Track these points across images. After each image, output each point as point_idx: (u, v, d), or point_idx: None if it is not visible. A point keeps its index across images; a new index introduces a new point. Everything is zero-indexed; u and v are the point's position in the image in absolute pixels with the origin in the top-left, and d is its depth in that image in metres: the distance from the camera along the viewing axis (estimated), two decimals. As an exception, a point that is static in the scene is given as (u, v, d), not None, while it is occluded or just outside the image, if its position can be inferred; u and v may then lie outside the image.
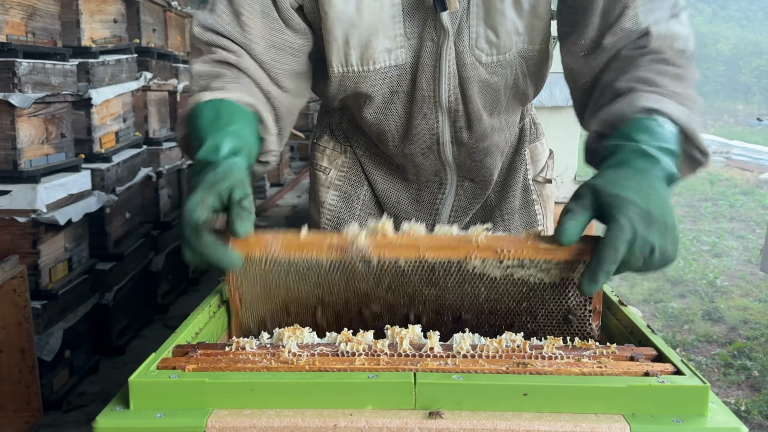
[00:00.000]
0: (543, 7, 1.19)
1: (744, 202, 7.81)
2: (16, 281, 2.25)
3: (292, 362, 0.79)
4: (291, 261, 0.96)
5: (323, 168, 1.46)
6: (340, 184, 1.45)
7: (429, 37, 1.19)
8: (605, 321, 1.04)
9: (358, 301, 0.98)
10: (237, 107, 1.11)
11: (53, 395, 2.60)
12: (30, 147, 2.48)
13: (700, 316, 4.09)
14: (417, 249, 0.94)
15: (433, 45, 1.19)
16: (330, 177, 1.45)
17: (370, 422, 0.70)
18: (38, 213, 2.44)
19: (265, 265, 0.96)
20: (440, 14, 1.15)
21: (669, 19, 1.10)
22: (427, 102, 1.25)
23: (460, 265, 0.94)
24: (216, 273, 4.52)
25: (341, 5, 1.16)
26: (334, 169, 1.45)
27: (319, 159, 1.47)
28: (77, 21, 2.89)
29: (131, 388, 0.73)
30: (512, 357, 0.81)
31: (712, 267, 5.11)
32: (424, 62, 1.21)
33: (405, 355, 0.81)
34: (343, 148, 1.46)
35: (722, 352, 3.55)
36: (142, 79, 3.48)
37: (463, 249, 0.94)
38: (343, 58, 1.21)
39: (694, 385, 0.73)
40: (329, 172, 1.45)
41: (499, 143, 1.38)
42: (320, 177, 1.46)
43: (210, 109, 1.10)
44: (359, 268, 0.95)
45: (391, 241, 0.95)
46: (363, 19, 1.17)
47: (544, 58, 1.28)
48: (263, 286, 0.98)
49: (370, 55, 1.20)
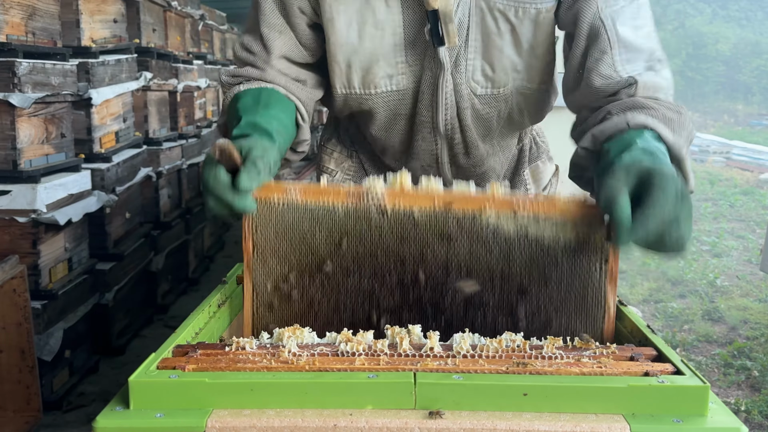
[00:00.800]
0: (542, 48, 1.23)
1: (744, 202, 7.81)
2: (16, 281, 2.25)
3: (292, 362, 0.79)
4: (308, 206, 0.98)
5: (330, 170, 1.48)
6: None
7: (428, 66, 1.23)
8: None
9: (370, 253, 0.99)
10: (277, 93, 1.20)
11: (53, 395, 2.60)
12: (30, 147, 2.48)
13: (700, 316, 4.10)
14: (432, 199, 0.96)
15: (432, 75, 1.23)
16: (336, 180, 1.48)
17: (370, 422, 0.70)
18: (38, 213, 2.44)
19: (282, 208, 0.99)
20: (437, 48, 1.19)
21: (647, 71, 1.13)
22: (426, 127, 1.29)
23: (475, 217, 0.95)
24: (216, 273, 4.53)
25: (344, 32, 1.20)
26: (341, 172, 1.48)
27: (326, 161, 1.49)
28: (77, 21, 2.89)
29: (131, 388, 0.73)
30: (512, 357, 0.81)
31: (712, 267, 5.11)
32: (423, 90, 1.25)
33: (405, 355, 0.81)
34: (350, 153, 1.48)
35: (722, 352, 3.55)
36: (142, 79, 3.48)
37: (478, 201, 0.95)
38: (345, 80, 1.25)
39: (694, 385, 0.73)
40: (336, 174, 1.48)
41: (495, 166, 1.43)
42: (327, 180, 1.47)
43: (249, 96, 1.18)
44: (374, 216, 0.96)
45: (407, 191, 0.96)
46: (364, 46, 1.21)
47: (544, 97, 1.31)
48: (277, 231, 1.00)
49: (371, 80, 1.24)
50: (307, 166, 9.57)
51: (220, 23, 5.76)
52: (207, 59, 5.20)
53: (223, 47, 6.13)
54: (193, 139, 4.45)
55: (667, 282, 4.82)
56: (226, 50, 6.22)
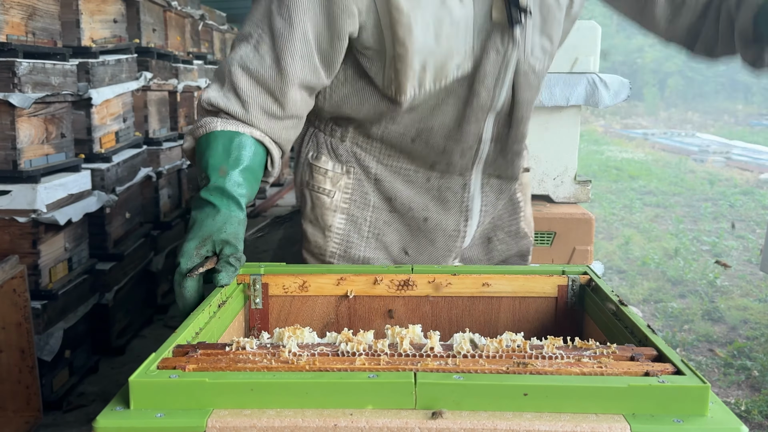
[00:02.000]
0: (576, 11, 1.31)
1: (744, 202, 7.81)
2: (16, 281, 2.25)
3: (292, 362, 0.79)
4: None
5: (327, 191, 1.41)
6: (346, 206, 1.41)
7: (494, 48, 1.23)
8: (605, 321, 1.04)
9: None
10: (249, 142, 1.18)
11: (53, 395, 2.60)
12: (30, 147, 2.48)
13: (700, 316, 4.10)
14: None
15: (498, 56, 1.24)
16: (335, 200, 1.40)
17: (371, 422, 0.70)
18: (38, 213, 2.44)
19: None
20: (513, 28, 1.21)
21: None
22: (482, 108, 1.29)
23: None
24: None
25: (421, 38, 1.19)
26: (339, 191, 1.40)
27: (320, 182, 1.41)
28: (77, 21, 2.89)
29: (131, 388, 0.73)
30: (512, 357, 0.81)
31: (712, 267, 5.11)
32: (486, 71, 1.25)
33: (405, 355, 0.81)
34: (346, 169, 1.41)
35: (722, 352, 3.55)
36: (142, 79, 3.48)
37: None
38: (417, 82, 1.24)
39: (695, 385, 0.73)
40: (334, 194, 1.40)
41: (521, 151, 1.45)
42: (324, 200, 1.41)
43: (222, 142, 1.16)
44: None
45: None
46: (441, 45, 1.21)
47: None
48: None
49: (444, 75, 1.25)
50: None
51: (220, 23, 5.76)
52: (207, 59, 5.20)
53: (223, 47, 6.13)
54: (193, 139, 4.44)
55: (667, 282, 4.82)
56: (226, 50, 6.22)
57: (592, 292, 1.12)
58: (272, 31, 1.18)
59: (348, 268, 1.21)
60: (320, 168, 1.42)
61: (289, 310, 1.18)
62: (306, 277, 1.17)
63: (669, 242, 5.92)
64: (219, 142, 1.16)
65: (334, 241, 1.41)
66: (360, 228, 1.42)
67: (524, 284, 1.16)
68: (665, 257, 5.42)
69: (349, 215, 1.41)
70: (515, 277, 1.17)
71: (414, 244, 1.45)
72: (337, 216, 1.41)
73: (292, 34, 1.17)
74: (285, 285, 1.17)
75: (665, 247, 5.75)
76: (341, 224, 1.41)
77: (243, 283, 1.16)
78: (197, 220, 1.10)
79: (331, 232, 1.41)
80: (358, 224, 1.41)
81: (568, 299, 1.16)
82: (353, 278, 1.16)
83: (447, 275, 1.16)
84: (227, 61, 1.21)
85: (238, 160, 1.15)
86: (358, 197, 1.41)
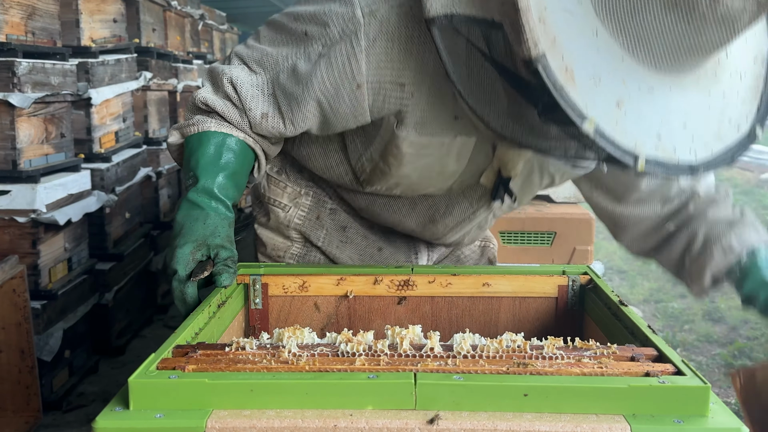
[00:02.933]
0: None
1: (744, 202, 7.80)
2: (15, 281, 2.25)
3: (292, 362, 0.79)
4: None
5: (282, 205, 1.41)
6: (300, 223, 1.42)
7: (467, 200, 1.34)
8: (605, 321, 1.04)
9: None
10: (241, 145, 1.17)
11: (53, 395, 2.59)
12: (30, 147, 2.48)
13: (700, 316, 4.09)
14: None
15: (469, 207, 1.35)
16: (290, 215, 1.41)
17: (371, 423, 0.70)
18: (38, 213, 2.44)
19: None
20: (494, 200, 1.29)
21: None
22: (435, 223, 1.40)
23: None
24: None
25: (407, 171, 1.22)
26: (294, 207, 1.41)
27: (277, 195, 1.41)
28: (77, 21, 2.89)
29: (131, 388, 0.73)
30: (512, 357, 0.81)
31: (712, 267, 5.10)
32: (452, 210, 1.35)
33: (405, 356, 0.81)
34: (305, 190, 1.42)
35: (723, 352, 3.55)
36: (141, 78, 3.48)
37: None
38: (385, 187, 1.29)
39: (695, 386, 0.73)
40: (289, 209, 1.41)
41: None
42: (279, 214, 1.41)
43: (214, 143, 1.14)
44: None
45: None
46: (422, 182, 1.26)
47: None
48: None
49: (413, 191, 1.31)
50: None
51: (220, 23, 5.76)
52: (207, 59, 5.20)
53: (223, 47, 6.13)
54: (193, 139, 4.44)
55: (667, 282, 4.81)
56: (226, 50, 6.22)
57: (592, 292, 1.12)
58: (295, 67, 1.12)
59: (348, 268, 1.21)
60: (279, 181, 1.42)
61: (289, 310, 1.18)
62: (306, 278, 1.17)
63: (669, 242, 5.92)
64: (211, 143, 1.14)
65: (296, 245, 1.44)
66: (314, 243, 1.44)
67: (524, 284, 1.16)
68: (665, 257, 5.42)
69: (302, 232, 1.43)
70: (515, 277, 1.17)
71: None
72: (291, 231, 1.43)
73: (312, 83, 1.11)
74: (285, 285, 1.17)
75: (665, 247, 5.74)
76: (297, 236, 1.44)
77: (243, 283, 1.16)
78: (186, 224, 1.08)
79: (290, 240, 1.44)
80: (311, 240, 1.43)
81: (568, 299, 1.16)
82: (353, 278, 1.16)
83: (447, 275, 1.16)
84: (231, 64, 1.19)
85: (228, 163, 1.13)
86: (312, 218, 1.42)
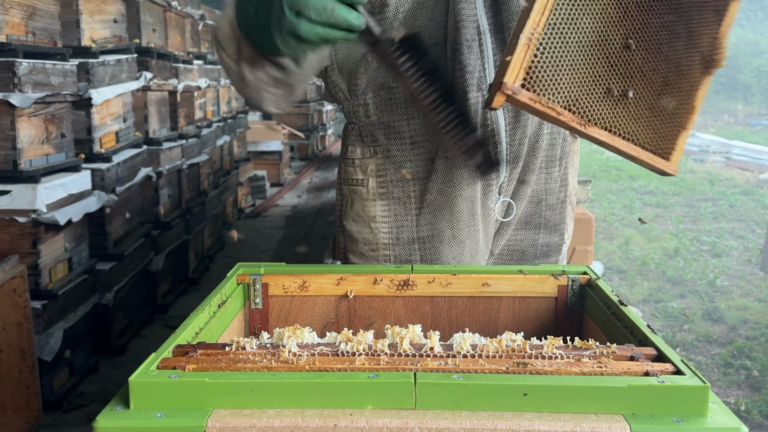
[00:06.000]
0: None
1: (744, 202, 7.81)
2: (16, 281, 2.25)
3: (292, 362, 0.79)
4: None
5: (360, 181, 1.33)
6: (384, 191, 1.33)
7: None
8: (605, 321, 1.04)
9: None
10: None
11: (53, 395, 2.60)
12: (30, 147, 2.48)
13: (700, 316, 4.10)
14: None
15: None
16: (371, 188, 1.33)
17: (371, 422, 0.70)
18: (38, 213, 2.44)
19: None
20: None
21: None
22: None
23: None
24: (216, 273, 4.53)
25: None
26: (371, 177, 1.32)
27: (352, 173, 1.34)
28: (77, 21, 2.89)
29: (131, 388, 0.73)
30: (512, 357, 0.81)
31: (712, 267, 5.11)
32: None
33: (405, 355, 0.81)
34: (373, 150, 1.33)
35: (722, 352, 3.55)
36: (142, 79, 3.49)
37: None
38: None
39: (695, 385, 0.73)
40: (367, 183, 1.33)
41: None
42: (361, 192, 1.33)
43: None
44: None
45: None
46: None
47: None
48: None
49: None
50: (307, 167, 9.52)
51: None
52: (207, 59, 5.20)
53: (223, 47, 6.11)
54: (193, 139, 4.45)
55: (667, 282, 4.82)
56: (226, 50, 6.21)
57: (591, 292, 1.12)
58: None
59: (348, 268, 1.21)
60: (350, 160, 1.35)
61: (289, 310, 1.18)
62: (306, 277, 1.17)
63: (669, 242, 5.92)
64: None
65: (383, 231, 1.33)
66: (406, 206, 1.33)
67: (524, 284, 1.16)
68: (665, 257, 5.42)
69: (390, 199, 1.33)
70: (515, 277, 1.17)
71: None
72: (378, 204, 1.33)
73: None
74: (285, 285, 1.17)
75: (665, 247, 5.75)
76: (385, 211, 1.33)
77: (243, 283, 1.16)
78: None
79: (376, 222, 1.33)
80: (403, 202, 1.32)
81: (568, 299, 1.16)
82: (353, 278, 1.16)
83: (447, 275, 1.16)
84: None
85: None
86: (390, 175, 1.32)
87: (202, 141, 4.69)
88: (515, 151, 1.32)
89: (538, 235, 1.41)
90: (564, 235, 1.44)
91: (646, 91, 0.97)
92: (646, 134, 0.98)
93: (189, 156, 4.34)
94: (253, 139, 7.48)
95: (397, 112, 1.31)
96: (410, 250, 1.34)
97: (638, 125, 0.98)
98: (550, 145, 1.38)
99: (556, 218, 1.41)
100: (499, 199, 1.34)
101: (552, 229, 1.42)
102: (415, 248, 1.34)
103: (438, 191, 1.31)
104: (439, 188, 1.31)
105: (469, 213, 1.32)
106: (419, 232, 1.33)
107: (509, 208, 1.36)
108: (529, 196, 1.38)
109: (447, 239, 1.32)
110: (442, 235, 1.32)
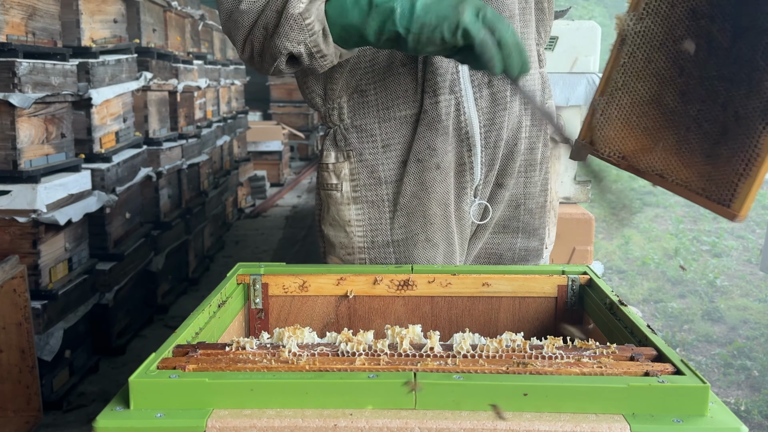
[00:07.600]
0: None
1: (744, 202, 7.80)
2: (16, 281, 2.25)
3: (292, 362, 0.79)
4: None
5: (334, 185, 1.33)
6: (357, 195, 1.33)
7: None
8: (605, 321, 1.04)
9: None
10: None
11: (53, 395, 2.60)
12: (30, 147, 2.48)
13: (700, 316, 4.10)
14: None
15: None
16: (344, 192, 1.33)
17: (371, 422, 0.70)
18: (38, 213, 2.44)
19: None
20: None
21: None
22: None
23: None
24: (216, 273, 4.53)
25: None
26: (344, 182, 1.33)
27: (327, 178, 1.34)
28: (77, 21, 2.89)
29: (131, 388, 0.73)
30: (512, 357, 0.81)
31: (712, 267, 5.11)
32: None
33: (405, 355, 0.81)
34: (345, 154, 1.33)
35: (722, 352, 3.55)
36: (142, 79, 3.49)
37: None
38: None
39: (694, 385, 0.73)
40: (341, 187, 1.33)
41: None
42: (336, 196, 1.33)
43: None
44: None
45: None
46: None
47: None
48: None
49: None
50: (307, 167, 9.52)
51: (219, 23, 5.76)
52: (207, 59, 5.20)
53: (223, 47, 6.13)
54: (193, 139, 4.45)
55: (667, 282, 4.82)
56: (226, 50, 6.22)
57: (591, 291, 1.12)
58: None
59: (348, 268, 1.21)
60: (325, 164, 1.36)
61: (289, 310, 1.18)
62: (306, 277, 1.17)
63: (669, 242, 5.92)
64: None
65: (357, 235, 1.34)
66: (380, 209, 1.33)
67: (524, 284, 1.17)
68: (665, 257, 5.42)
69: (364, 203, 1.33)
70: (515, 277, 1.17)
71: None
72: (352, 208, 1.33)
73: None
74: (285, 285, 1.17)
75: (665, 247, 5.75)
76: (359, 215, 1.33)
77: (243, 283, 1.16)
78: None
79: (351, 226, 1.34)
80: (377, 205, 1.32)
81: (568, 299, 1.16)
82: (353, 278, 1.16)
83: (447, 275, 1.16)
84: None
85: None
86: (365, 177, 1.32)
87: (202, 141, 4.69)
88: (490, 154, 1.33)
89: (516, 239, 1.42)
90: (544, 240, 1.45)
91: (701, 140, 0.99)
92: (699, 181, 0.99)
93: (189, 156, 4.34)
94: (253, 139, 7.48)
95: (369, 115, 1.31)
96: (385, 254, 1.34)
97: (691, 172, 0.99)
98: (530, 149, 1.39)
99: (536, 223, 1.42)
100: (475, 201, 1.35)
101: (531, 234, 1.43)
102: (390, 251, 1.34)
103: (411, 194, 1.32)
104: (412, 191, 1.31)
105: (442, 216, 1.32)
106: (393, 235, 1.33)
107: (486, 211, 1.36)
108: (507, 200, 1.39)
109: (421, 242, 1.32)
110: (415, 238, 1.32)
